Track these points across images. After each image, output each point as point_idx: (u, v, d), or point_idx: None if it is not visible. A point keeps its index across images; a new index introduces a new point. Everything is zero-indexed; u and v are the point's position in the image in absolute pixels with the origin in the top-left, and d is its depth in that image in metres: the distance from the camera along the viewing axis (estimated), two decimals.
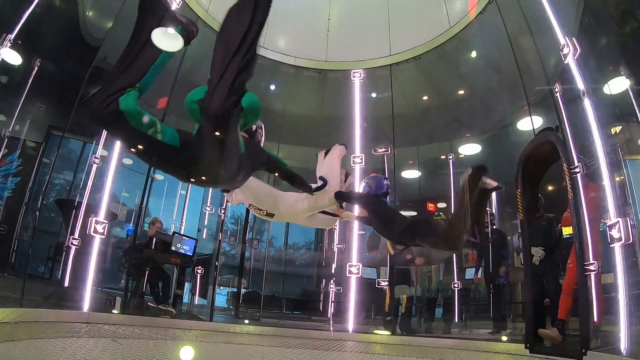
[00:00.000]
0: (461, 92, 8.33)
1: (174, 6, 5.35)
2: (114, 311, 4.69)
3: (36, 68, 5.17)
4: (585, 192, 3.86)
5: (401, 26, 7.55)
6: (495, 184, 2.58)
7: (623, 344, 3.17)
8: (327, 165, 2.66)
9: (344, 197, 2.82)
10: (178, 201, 8.93)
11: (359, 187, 3.05)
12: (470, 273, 7.36)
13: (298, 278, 11.38)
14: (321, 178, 2.56)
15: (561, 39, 4.12)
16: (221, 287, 8.65)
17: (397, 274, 6.03)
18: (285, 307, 8.97)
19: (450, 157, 7.27)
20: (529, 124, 5.53)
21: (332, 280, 6.42)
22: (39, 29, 5.25)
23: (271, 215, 2.61)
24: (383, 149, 6.07)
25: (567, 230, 4.39)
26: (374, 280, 6.19)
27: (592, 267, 3.54)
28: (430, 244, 2.66)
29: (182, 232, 7.19)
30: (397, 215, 2.77)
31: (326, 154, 2.76)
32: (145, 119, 1.65)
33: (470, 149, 8.49)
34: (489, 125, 8.11)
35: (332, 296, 6.45)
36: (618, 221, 3.33)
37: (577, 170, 3.83)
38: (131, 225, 7.62)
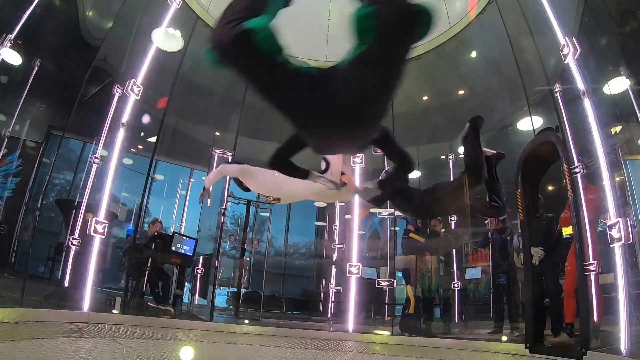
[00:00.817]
0: (461, 92, 8.33)
1: (174, 6, 5.36)
2: (114, 311, 4.69)
3: (36, 68, 5.18)
4: (585, 194, 3.87)
5: None
6: (493, 151, 2.80)
7: (623, 344, 3.17)
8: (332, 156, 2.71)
9: (382, 198, 3.14)
10: (178, 201, 8.94)
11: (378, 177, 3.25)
12: (470, 273, 7.37)
13: (298, 278, 11.39)
14: (324, 159, 2.61)
15: (561, 39, 4.12)
16: (221, 287, 8.65)
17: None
18: (285, 307, 8.97)
19: (450, 157, 7.27)
20: (529, 124, 5.53)
21: (332, 277, 6.41)
22: (39, 29, 5.26)
23: (278, 199, 2.78)
24: None
25: (566, 231, 4.39)
26: (374, 280, 6.19)
27: (592, 267, 3.54)
28: (450, 206, 2.83)
29: (182, 232, 7.19)
30: (414, 193, 3.02)
31: None
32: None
33: None
34: (489, 125, 8.06)
35: (332, 296, 6.45)
36: (618, 221, 3.33)
37: (577, 170, 3.84)
38: (131, 225, 7.62)
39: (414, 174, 9.06)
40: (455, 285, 6.58)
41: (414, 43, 1.44)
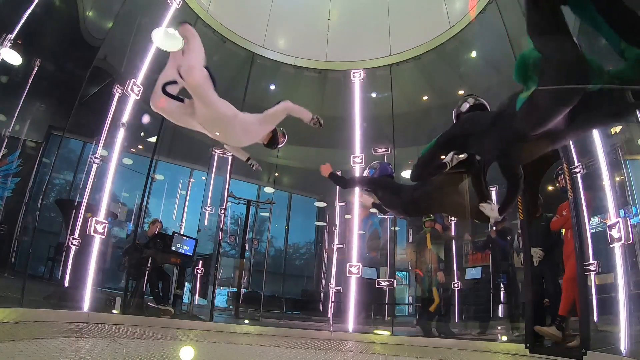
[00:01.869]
0: (461, 92, 8.33)
1: (174, 6, 5.36)
2: (114, 311, 4.69)
3: (36, 68, 5.17)
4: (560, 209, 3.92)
5: (401, 26, 7.55)
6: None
7: (623, 344, 3.18)
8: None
9: (353, 183, 3.18)
10: (178, 201, 8.94)
11: (364, 173, 3.23)
12: (470, 273, 7.36)
13: (298, 278, 11.39)
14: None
15: None
16: (221, 287, 8.65)
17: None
18: (285, 307, 8.98)
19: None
20: None
21: (332, 277, 6.41)
22: (39, 29, 5.25)
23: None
24: (383, 149, 6.07)
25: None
26: (374, 280, 6.19)
27: (592, 267, 3.54)
28: (442, 203, 2.82)
29: (182, 232, 7.19)
30: (402, 187, 2.93)
31: None
32: None
33: None
34: None
35: (332, 296, 6.45)
36: (618, 221, 3.33)
37: (577, 170, 3.84)
38: (131, 225, 7.62)
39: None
40: (455, 285, 6.58)
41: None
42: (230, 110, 2.67)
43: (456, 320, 6.49)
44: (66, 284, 4.81)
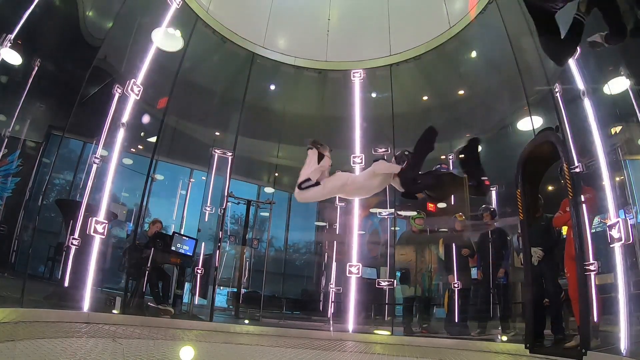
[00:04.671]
0: (461, 92, 8.32)
1: (174, 6, 5.36)
2: (114, 311, 4.69)
3: (36, 68, 5.18)
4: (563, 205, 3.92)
5: (401, 26, 7.55)
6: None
7: (623, 344, 3.17)
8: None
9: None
10: (178, 201, 8.94)
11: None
12: (471, 273, 7.34)
13: (298, 278, 11.38)
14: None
15: None
16: (221, 287, 8.64)
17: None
18: (285, 307, 8.97)
19: (450, 157, 7.26)
20: (529, 124, 5.53)
21: (332, 277, 6.41)
22: (39, 29, 5.25)
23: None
24: (383, 149, 6.07)
25: (565, 230, 4.39)
26: (373, 280, 6.19)
27: (591, 267, 3.54)
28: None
29: (182, 232, 7.19)
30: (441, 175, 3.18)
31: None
32: None
33: None
34: (489, 125, 8.09)
35: (332, 296, 6.45)
36: (618, 221, 3.33)
37: (577, 170, 3.84)
38: (131, 225, 7.62)
39: None
40: (455, 285, 6.56)
41: None
42: (341, 180, 3.21)
43: (456, 320, 6.48)
44: (66, 283, 4.80)
